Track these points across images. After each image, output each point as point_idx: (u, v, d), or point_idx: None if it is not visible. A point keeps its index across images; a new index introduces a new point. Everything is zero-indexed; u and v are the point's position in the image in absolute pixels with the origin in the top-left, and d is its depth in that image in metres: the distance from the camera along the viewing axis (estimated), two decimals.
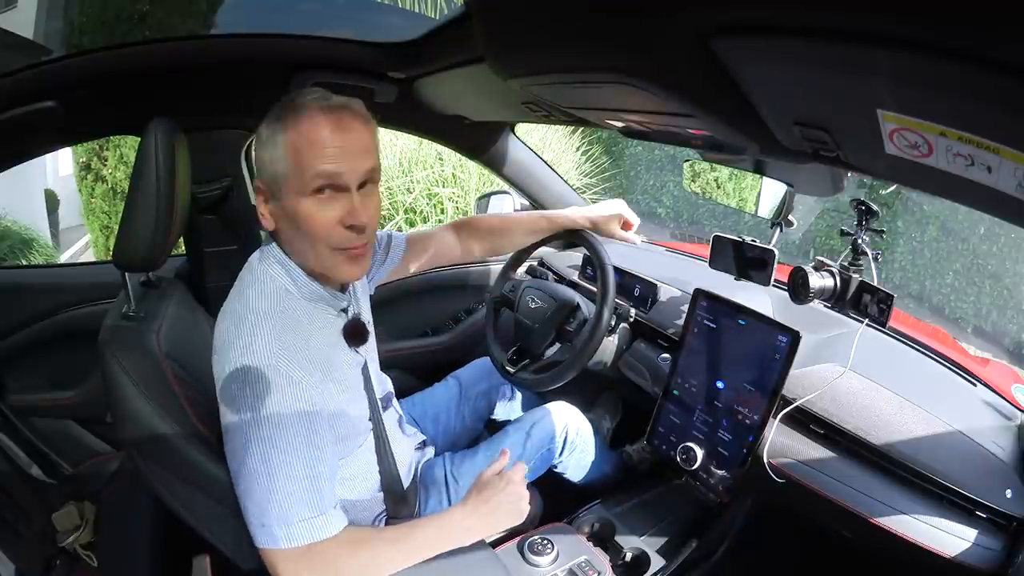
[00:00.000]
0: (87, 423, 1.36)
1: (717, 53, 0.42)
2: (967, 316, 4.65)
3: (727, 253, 1.08)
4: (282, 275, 0.74)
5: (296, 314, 0.73)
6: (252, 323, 0.70)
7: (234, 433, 0.69)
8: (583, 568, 0.90)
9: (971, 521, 0.76)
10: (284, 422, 0.67)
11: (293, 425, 0.68)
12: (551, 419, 1.13)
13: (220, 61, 1.09)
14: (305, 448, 0.68)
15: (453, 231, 1.13)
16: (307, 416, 0.69)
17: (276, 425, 0.67)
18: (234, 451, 0.69)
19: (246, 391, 0.67)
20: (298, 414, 0.68)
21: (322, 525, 0.69)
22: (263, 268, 0.75)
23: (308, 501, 0.68)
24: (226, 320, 0.73)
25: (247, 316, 0.70)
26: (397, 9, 3.20)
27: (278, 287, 0.74)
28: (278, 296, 0.73)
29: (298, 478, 0.68)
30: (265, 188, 0.72)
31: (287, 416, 0.68)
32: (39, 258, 4.20)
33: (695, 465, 1.00)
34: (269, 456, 0.67)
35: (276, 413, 0.67)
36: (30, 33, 2.62)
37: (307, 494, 0.68)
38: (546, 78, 0.70)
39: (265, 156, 0.70)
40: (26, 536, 1.20)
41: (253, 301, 0.72)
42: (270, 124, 0.70)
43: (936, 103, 0.34)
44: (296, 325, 0.72)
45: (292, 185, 0.69)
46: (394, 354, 1.48)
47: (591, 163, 4.36)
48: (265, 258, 0.76)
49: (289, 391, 0.68)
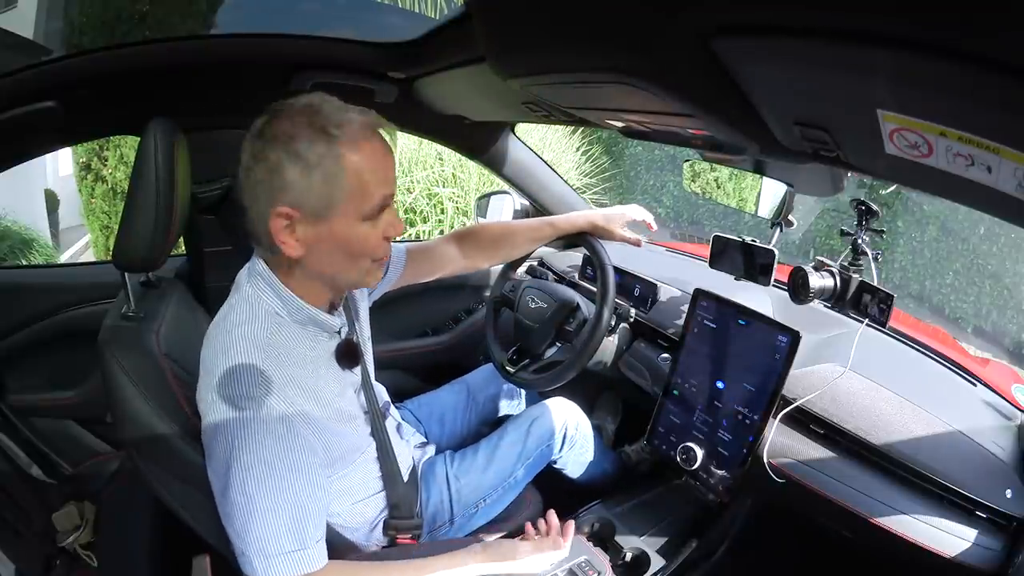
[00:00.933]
0: (87, 423, 1.36)
1: (717, 53, 0.42)
2: (967, 316, 4.65)
3: (734, 254, 1.08)
4: (272, 298, 0.71)
5: (284, 339, 0.71)
6: (239, 351, 0.67)
7: (216, 459, 0.67)
8: (583, 568, 0.90)
9: (971, 521, 0.76)
10: (268, 455, 0.66)
11: (278, 458, 0.66)
12: (550, 415, 1.13)
13: (220, 61, 1.09)
14: (290, 481, 0.67)
15: (455, 243, 1.10)
16: (293, 448, 0.68)
17: (259, 458, 0.65)
18: (216, 475, 0.68)
19: (229, 420, 0.65)
20: (284, 447, 0.67)
21: (304, 560, 0.67)
22: (252, 291, 0.72)
23: (291, 534, 0.67)
24: (212, 345, 0.70)
25: (234, 343, 0.68)
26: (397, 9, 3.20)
27: (267, 310, 0.71)
28: (266, 320, 0.70)
29: (281, 511, 0.66)
30: (301, 213, 0.66)
31: (271, 448, 0.66)
32: (39, 258, 4.20)
33: (695, 465, 1.00)
34: (249, 489, 0.65)
35: (259, 445, 0.65)
36: (30, 33, 2.62)
37: (289, 527, 0.67)
38: (546, 78, 0.70)
39: (314, 180, 0.65)
40: (26, 536, 1.20)
41: (241, 326, 0.69)
42: (315, 146, 0.64)
43: (936, 103, 0.34)
44: (285, 352, 0.70)
45: (350, 209, 0.67)
46: (394, 354, 1.48)
47: (591, 163, 4.36)
48: (254, 279, 0.72)
49: (274, 425, 0.66)
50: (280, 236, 0.67)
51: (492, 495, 1.03)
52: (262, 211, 0.67)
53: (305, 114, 0.65)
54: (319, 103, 0.67)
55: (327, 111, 0.66)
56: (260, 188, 0.66)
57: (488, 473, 1.03)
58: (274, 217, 0.66)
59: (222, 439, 0.66)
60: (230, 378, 0.66)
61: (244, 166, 0.67)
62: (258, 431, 0.66)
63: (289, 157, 0.64)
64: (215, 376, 0.67)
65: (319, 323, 0.74)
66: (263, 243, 0.70)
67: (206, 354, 0.71)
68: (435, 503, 0.99)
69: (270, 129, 0.66)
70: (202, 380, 0.70)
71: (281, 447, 0.67)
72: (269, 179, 0.65)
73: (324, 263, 0.70)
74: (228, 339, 0.69)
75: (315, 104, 0.66)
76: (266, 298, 0.71)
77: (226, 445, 0.66)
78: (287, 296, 0.71)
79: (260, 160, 0.65)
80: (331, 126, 0.65)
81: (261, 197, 0.66)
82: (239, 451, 0.65)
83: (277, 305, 0.71)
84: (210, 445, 0.68)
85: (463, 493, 1.00)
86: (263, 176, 0.65)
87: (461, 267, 1.12)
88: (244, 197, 0.68)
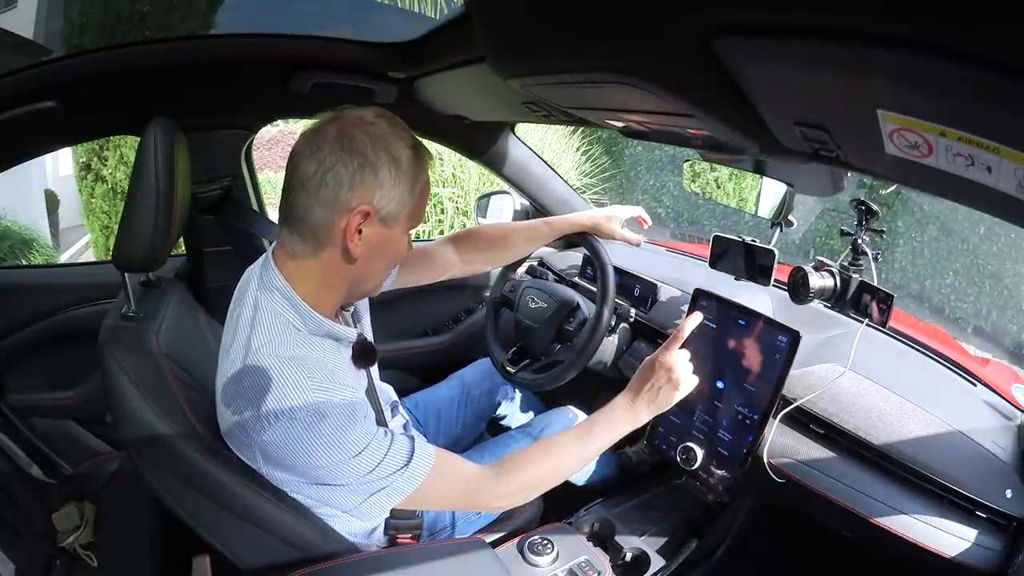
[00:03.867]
0: (87, 423, 1.36)
1: (718, 54, 0.42)
2: (967, 316, 4.65)
3: (734, 254, 1.08)
4: (292, 313, 0.70)
5: (310, 351, 0.70)
6: (281, 372, 0.66)
7: (295, 469, 0.69)
8: (583, 568, 0.90)
9: (971, 521, 0.76)
10: (351, 440, 0.67)
11: (360, 439, 0.68)
12: (559, 425, 1.13)
13: (220, 61, 1.09)
14: (375, 439, 0.69)
15: (453, 246, 1.10)
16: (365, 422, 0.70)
17: (345, 445, 0.67)
18: (298, 474, 0.70)
19: (298, 431, 0.65)
20: (360, 427, 0.69)
21: (423, 447, 0.74)
22: (269, 305, 0.70)
23: (399, 454, 0.71)
24: (245, 369, 0.68)
25: (272, 366, 0.67)
26: (397, 9, 3.19)
27: (285, 324, 0.70)
28: (290, 335, 0.69)
29: (377, 452, 0.69)
30: (378, 214, 0.68)
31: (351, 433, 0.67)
32: (39, 258, 4.20)
33: (695, 465, 1.00)
34: (345, 473, 0.68)
35: (341, 437, 0.67)
36: (30, 33, 2.62)
37: (388, 447, 0.70)
38: (546, 78, 0.70)
39: (402, 188, 0.69)
40: (26, 536, 1.20)
41: (271, 346, 0.68)
42: (406, 154, 0.69)
43: (936, 103, 0.34)
44: (312, 360, 0.69)
45: (407, 219, 0.72)
46: (394, 354, 1.48)
47: (591, 163, 4.37)
48: (269, 293, 0.71)
49: (338, 414, 0.67)
50: (352, 234, 0.67)
51: None
52: (340, 205, 0.66)
53: (392, 123, 0.69)
54: (397, 119, 0.71)
55: (404, 126, 0.71)
56: (347, 181, 0.66)
57: None
58: (355, 213, 0.67)
59: (301, 452, 0.66)
60: (283, 396, 0.65)
61: (326, 159, 0.66)
62: (332, 429, 0.66)
63: (387, 158, 0.67)
64: (264, 398, 0.65)
65: (335, 335, 0.74)
66: (321, 238, 0.69)
67: (242, 376, 0.68)
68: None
69: (363, 130, 0.67)
70: (242, 401, 0.67)
71: (359, 430, 0.68)
72: (362, 175, 0.66)
73: (371, 267, 0.73)
74: (264, 362, 0.67)
75: (395, 119, 0.71)
76: (286, 313, 0.70)
77: (305, 453, 0.66)
78: (306, 311, 0.71)
79: (355, 154, 0.66)
80: (413, 139, 0.70)
81: (344, 191, 0.66)
82: (322, 453, 0.66)
83: (296, 320, 0.70)
84: (284, 459, 0.68)
85: None
86: (356, 169, 0.66)
87: (459, 271, 1.12)
88: (312, 190, 0.66)
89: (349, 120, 0.68)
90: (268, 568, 0.78)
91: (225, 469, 0.71)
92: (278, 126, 6.65)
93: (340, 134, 0.66)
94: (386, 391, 0.98)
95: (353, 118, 0.68)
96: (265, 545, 0.75)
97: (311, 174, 0.66)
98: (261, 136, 4.48)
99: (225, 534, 0.76)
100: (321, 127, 0.68)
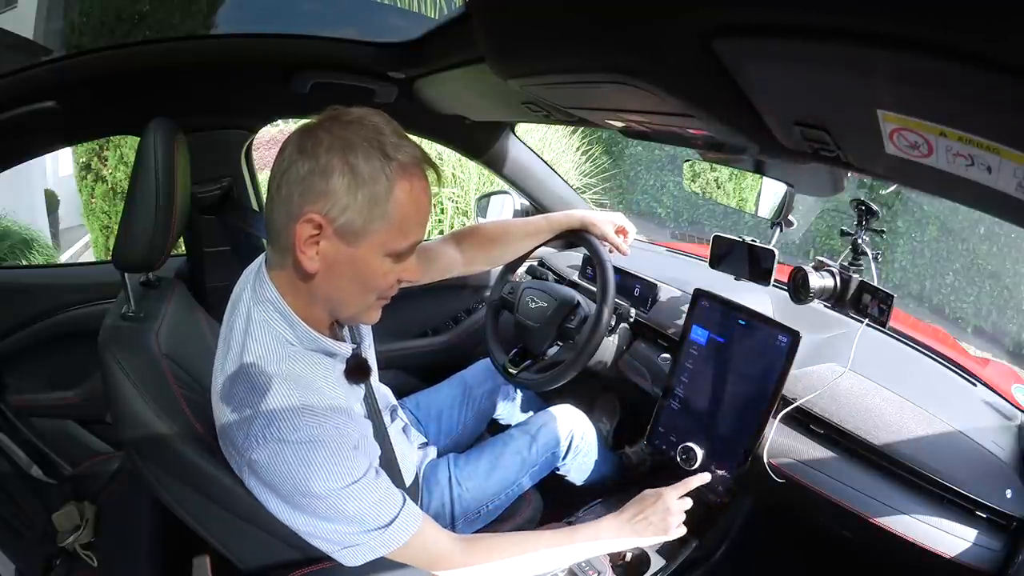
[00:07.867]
0: (87, 423, 1.36)
1: (718, 54, 0.42)
2: (967, 316, 4.65)
3: (734, 255, 1.07)
4: (284, 327, 0.68)
5: (300, 367, 0.68)
6: (275, 391, 0.65)
7: (280, 493, 0.66)
8: (583, 568, 0.90)
9: (971, 521, 0.76)
10: (341, 471, 0.66)
11: (349, 472, 0.66)
12: (556, 423, 1.13)
13: (220, 61, 1.09)
14: (364, 482, 0.67)
15: (454, 244, 1.09)
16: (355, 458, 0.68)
17: (333, 476, 0.65)
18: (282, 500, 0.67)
19: (287, 457, 0.64)
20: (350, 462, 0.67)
21: (409, 509, 0.70)
22: (261, 317, 0.68)
23: (382, 505, 0.68)
24: (236, 382, 0.67)
25: (264, 383, 0.65)
26: (397, 9, 3.19)
27: (277, 337, 0.68)
28: (282, 350, 0.67)
29: (366, 498, 0.67)
30: (332, 227, 0.62)
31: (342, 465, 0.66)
32: (39, 258, 4.20)
33: (695, 465, 1.00)
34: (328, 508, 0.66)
35: (333, 466, 0.65)
36: (30, 33, 2.62)
37: (380, 501, 0.68)
38: (546, 78, 0.70)
39: (359, 198, 0.61)
40: (26, 536, 1.20)
41: (263, 362, 0.66)
42: (371, 163, 0.61)
43: (936, 103, 0.34)
44: (305, 379, 0.68)
45: (379, 240, 0.64)
46: (394, 354, 1.48)
47: (591, 163, 4.37)
48: (262, 305, 0.68)
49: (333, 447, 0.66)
50: (302, 245, 0.62)
51: (494, 501, 1.03)
52: (292, 211, 0.62)
53: (368, 128, 0.62)
54: (382, 124, 0.64)
55: (388, 132, 0.63)
56: (298, 186, 0.61)
57: (491, 480, 1.03)
58: (303, 222, 0.61)
59: (282, 477, 0.65)
60: (273, 417, 0.64)
61: (286, 159, 0.62)
62: (322, 458, 0.65)
63: (342, 165, 0.60)
64: (255, 416, 0.64)
65: (329, 351, 0.72)
66: (281, 246, 0.65)
67: (234, 390, 0.67)
68: (436, 507, 0.98)
69: (327, 130, 0.61)
70: (233, 416, 0.66)
71: (349, 462, 0.67)
72: (311, 180, 0.60)
73: (333, 287, 0.67)
74: (256, 380, 0.66)
75: (378, 123, 0.63)
76: (277, 327, 0.68)
77: (286, 482, 0.65)
78: (299, 325, 0.68)
79: (308, 157, 0.60)
80: (390, 147, 0.62)
81: (296, 196, 0.61)
82: (307, 481, 0.64)
83: (289, 334, 0.68)
84: (266, 478, 0.66)
85: (465, 499, 1.00)
86: (306, 174, 0.60)
87: (460, 270, 1.11)
88: (275, 191, 0.63)
89: (324, 118, 0.63)
90: (268, 568, 0.78)
91: (225, 469, 0.71)
92: (278, 126, 6.63)
93: (304, 133, 0.62)
94: (385, 395, 0.98)
95: (333, 116, 0.63)
96: (265, 545, 0.75)
97: (276, 174, 0.63)
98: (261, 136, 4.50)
99: (225, 534, 0.76)
100: (304, 125, 0.64)
